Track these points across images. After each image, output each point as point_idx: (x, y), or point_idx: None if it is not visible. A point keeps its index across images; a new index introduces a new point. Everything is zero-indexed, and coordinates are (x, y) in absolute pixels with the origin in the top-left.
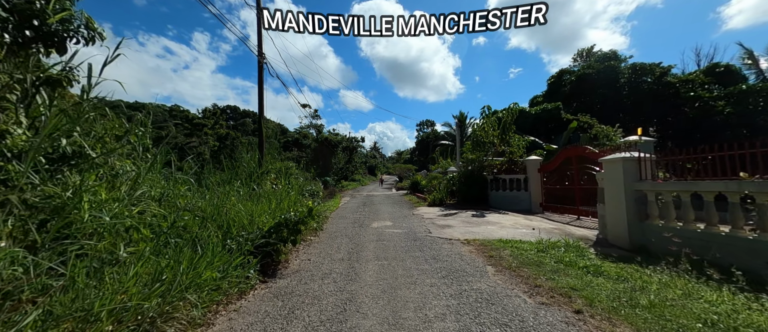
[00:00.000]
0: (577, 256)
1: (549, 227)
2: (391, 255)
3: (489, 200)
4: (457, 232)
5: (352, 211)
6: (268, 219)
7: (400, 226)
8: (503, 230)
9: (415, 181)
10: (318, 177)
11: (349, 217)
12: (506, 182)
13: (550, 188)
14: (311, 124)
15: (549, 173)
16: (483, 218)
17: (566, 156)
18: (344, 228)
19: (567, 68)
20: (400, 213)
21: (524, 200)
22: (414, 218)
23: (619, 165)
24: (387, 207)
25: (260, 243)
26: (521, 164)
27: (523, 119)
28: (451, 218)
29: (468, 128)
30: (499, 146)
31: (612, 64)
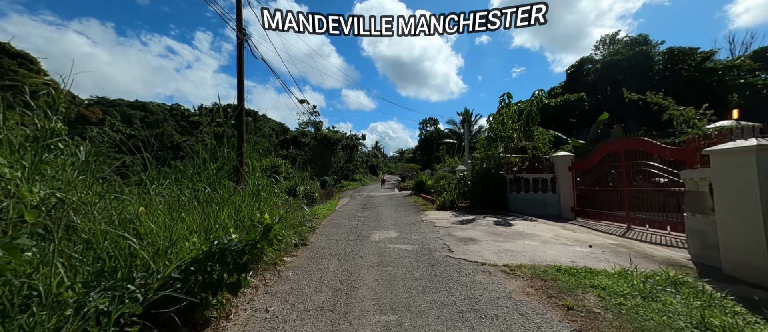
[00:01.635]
0: (709, 305)
1: (606, 242)
2: (401, 299)
3: (508, 203)
4: (486, 250)
5: (350, 216)
6: (198, 244)
7: (408, 239)
8: (548, 248)
9: (419, 181)
10: (316, 177)
11: (345, 224)
12: (529, 183)
13: (584, 189)
14: (310, 121)
15: (583, 172)
16: (510, 228)
17: (610, 151)
18: (336, 242)
19: (588, 57)
20: (407, 219)
21: (552, 204)
22: (424, 226)
23: (751, 157)
24: (390, 211)
25: (168, 295)
26: (547, 161)
27: (542, 112)
28: (471, 227)
29: (473, 125)
30: (520, 141)
31: (643, 50)
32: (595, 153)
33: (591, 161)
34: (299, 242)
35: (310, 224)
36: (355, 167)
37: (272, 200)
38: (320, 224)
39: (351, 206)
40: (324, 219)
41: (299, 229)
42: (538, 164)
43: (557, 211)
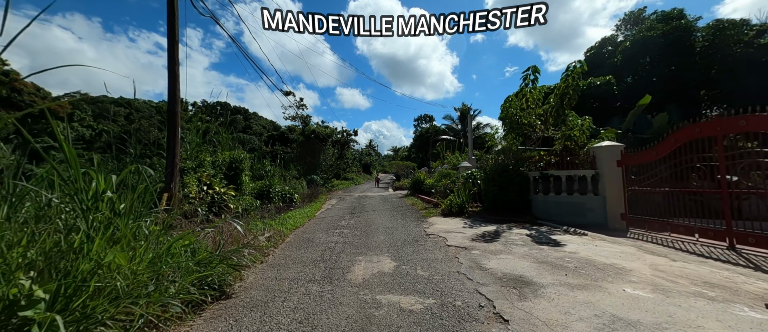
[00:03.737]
0: None
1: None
2: None
3: (532, 207)
4: (559, 309)
5: (330, 226)
6: None
7: (412, 277)
8: (693, 315)
9: (417, 179)
10: (303, 176)
11: (318, 243)
12: (561, 182)
13: (640, 190)
14: (297, 115)
15: (640, 168)
16: (563, 250)
17: (693, 136)
18: (288, 289)
19: (609, 37)
20: (406, 231)
21: (593, 210)
22: (431, 245)
23: None
24: (384, 218)
25: None
26: (585, 154)
27: None
28: (503, 249)
29: (472, 121)
30: (546, 130)
31: (681, 25)
32: (668, 141)
33: (656, 152)
34: (213, 295)
35: (267, 239)
36: (346, 165)
37: None
38: (283, 242)
39: (336, 211)
40: (291, 232)
41: (236, 259)
42: (573, 158)
43: (601, 219)
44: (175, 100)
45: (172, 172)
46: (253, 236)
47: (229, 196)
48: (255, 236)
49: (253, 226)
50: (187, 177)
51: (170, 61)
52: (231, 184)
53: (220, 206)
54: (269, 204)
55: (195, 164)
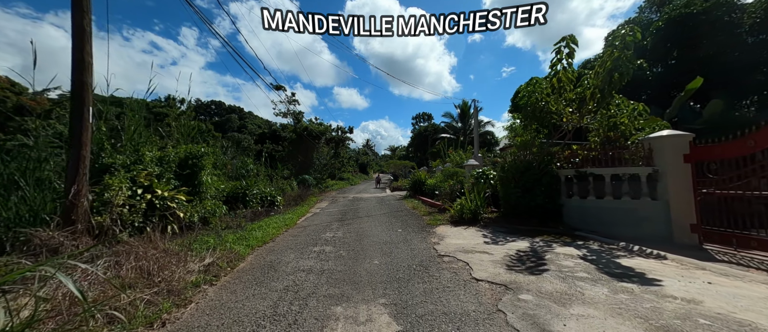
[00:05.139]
0: None
1: None
2: None
3: (563, 214)
4: None
5: (306, 242)
6: None
7: None
8: None
9: (417, 179)
10: (295, 175)
11: (282, 272)
12: (603, 182)
13: (723, 194)
14: (288, 111)
15: (721, 164)
16: (663, 290)
17: None
18: None
19: (635, 18)
20: (409, 252)
21: (649, 218)
22: (448, 274)
23: None
24: (380, 229)
25: None
26: (637, 147)
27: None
28: (565, 286)
29: (471, 119)
30: (580, 118)
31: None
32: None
33: (754, 140)
34: None
35: (204, 269)
36: (341, 165)
37: None
38: (232, 270)
39: (323, 217)
40: (252, 252)
41: None
42: (615, 153)
43: (662, 230)
44: (83, 66)
45: (76, 169)
46: (213, 254)
47: (180, 201)
48: (209, 261)
49: (200, 243)
50: (112, 177)
51: (75, 7)
52: (185, 185)
53: (164, 215)
54: (245, 209)
55: (131, 160)
